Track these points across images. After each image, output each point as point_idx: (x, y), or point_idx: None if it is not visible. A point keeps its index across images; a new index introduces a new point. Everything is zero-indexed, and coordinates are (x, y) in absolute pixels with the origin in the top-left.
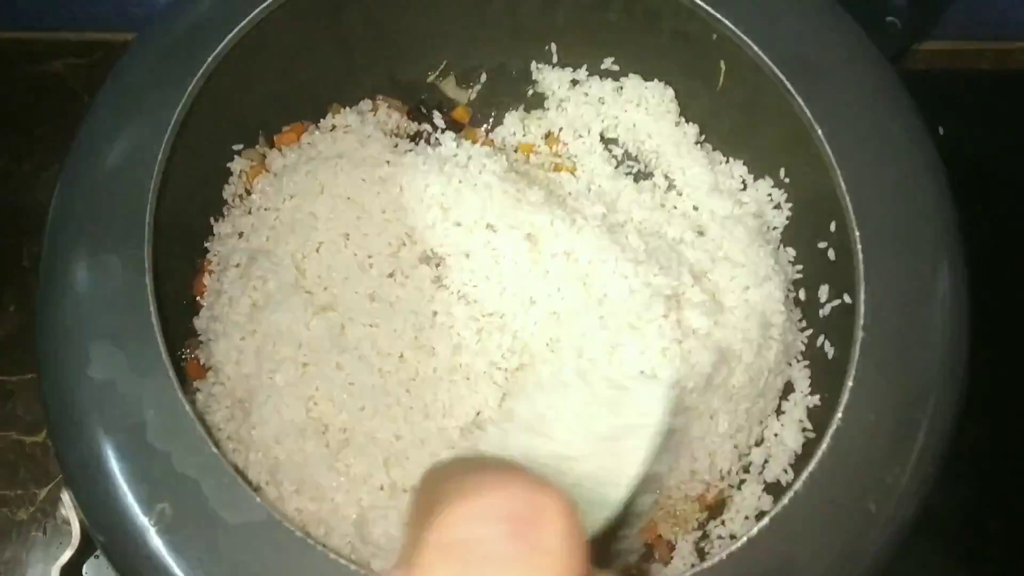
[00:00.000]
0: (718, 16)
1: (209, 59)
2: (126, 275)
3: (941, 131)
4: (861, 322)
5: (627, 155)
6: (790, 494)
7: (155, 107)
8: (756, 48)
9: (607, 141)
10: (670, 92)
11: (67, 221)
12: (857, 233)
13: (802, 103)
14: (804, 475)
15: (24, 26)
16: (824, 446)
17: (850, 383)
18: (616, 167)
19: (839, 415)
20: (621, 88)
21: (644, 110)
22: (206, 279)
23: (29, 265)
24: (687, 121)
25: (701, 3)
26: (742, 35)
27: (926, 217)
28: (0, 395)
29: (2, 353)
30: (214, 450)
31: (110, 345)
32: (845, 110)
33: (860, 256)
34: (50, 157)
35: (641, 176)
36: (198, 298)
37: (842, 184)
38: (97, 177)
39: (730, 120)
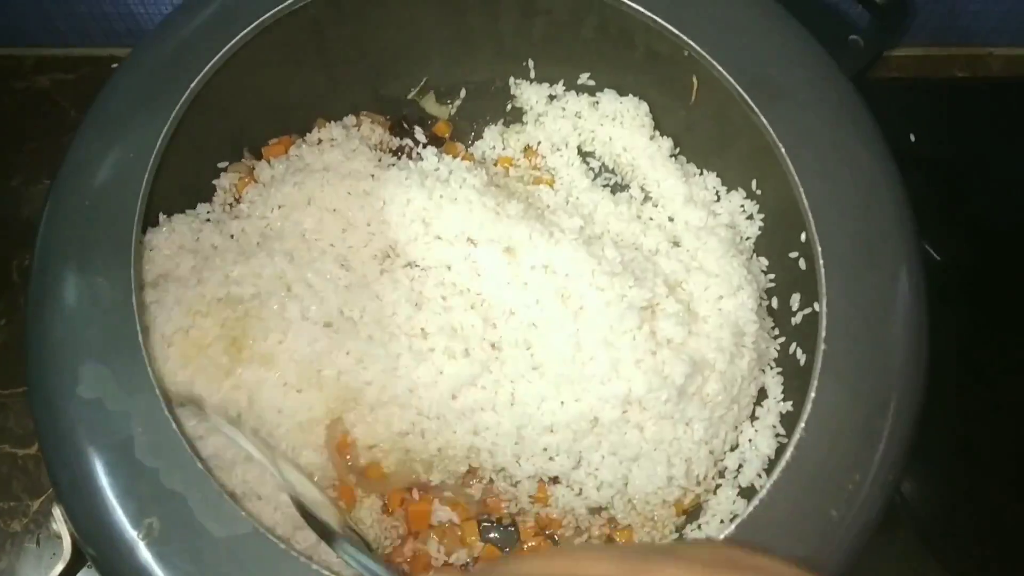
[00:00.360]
0: (684, 38)
1: (195, 81)
2: (113, 295)
3: (912, 138)
4: (823, 334)
5: (604, 168)
6: (755, 501)
7: (142, 128)
8: (721, 68)
9: (584, 154)
10: (644, 106)
11: (56, 242)
12: (819, 247)
13: (765, 122)
14: (769, 483)
15: (10, 42)
16: (788, 455)
17: (813, 393)
18: (593, 180)
19: (802, 425)
20: (597, 103)
21: (620, 124)
22: None
23: (18, 278)
24: (662, 134)
25: (667, 24)
26: (707, 56)
27: (885, 231)
28: None
29: None
30: (199, 466)
31: (98, 364)
32: (806, 128)
33: (822, 270)
34: (38, 171)
35: (618, 188)
36: None
37: (804, 200)
38: (85, 198)
39: (703, 133)
